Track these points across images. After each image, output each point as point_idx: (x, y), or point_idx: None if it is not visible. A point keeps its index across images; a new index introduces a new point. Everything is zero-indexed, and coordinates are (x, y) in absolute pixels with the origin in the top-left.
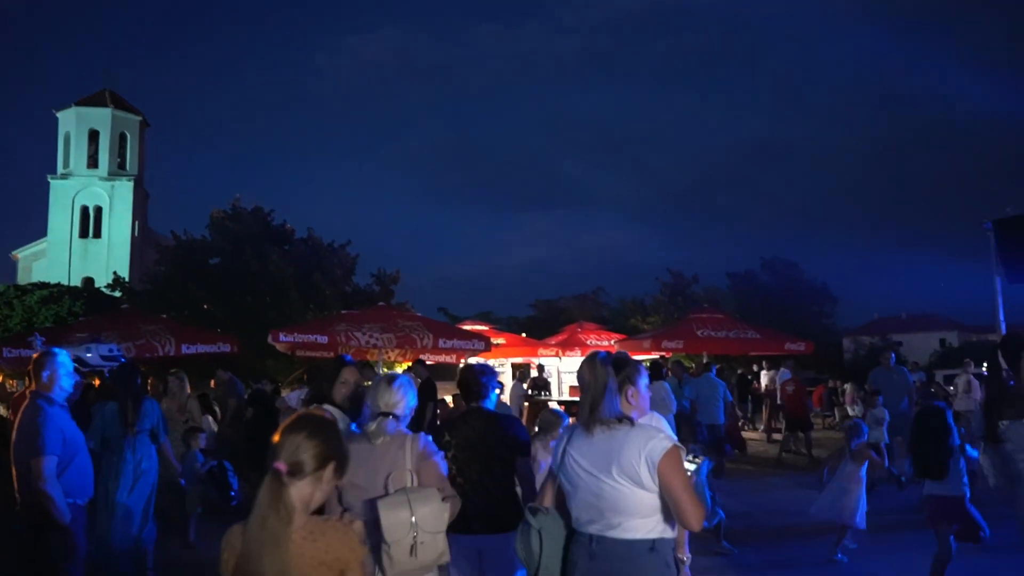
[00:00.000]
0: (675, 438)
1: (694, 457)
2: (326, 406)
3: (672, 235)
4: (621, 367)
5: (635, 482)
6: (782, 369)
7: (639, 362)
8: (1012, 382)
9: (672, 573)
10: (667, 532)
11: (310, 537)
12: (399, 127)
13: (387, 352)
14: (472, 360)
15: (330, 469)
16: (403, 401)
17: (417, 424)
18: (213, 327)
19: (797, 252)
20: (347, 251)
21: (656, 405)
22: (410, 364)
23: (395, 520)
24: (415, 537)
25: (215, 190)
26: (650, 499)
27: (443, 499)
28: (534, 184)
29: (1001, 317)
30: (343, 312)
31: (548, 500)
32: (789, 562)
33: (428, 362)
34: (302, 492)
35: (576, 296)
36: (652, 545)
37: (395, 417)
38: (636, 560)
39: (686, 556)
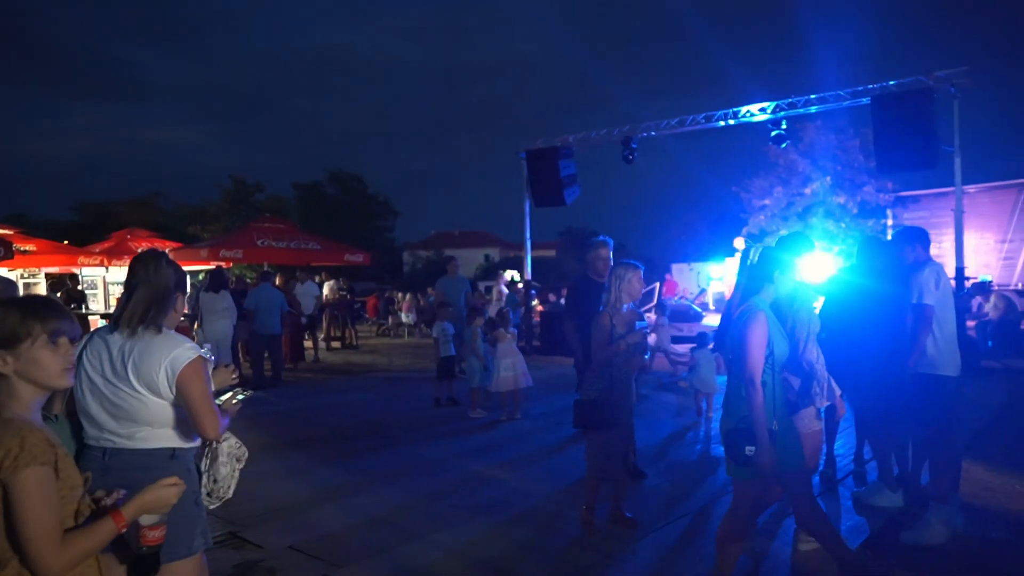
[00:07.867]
0: (200, 349)
1: (241, 391)
2: None
3: (240, 138)
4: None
5: (153, 391)
6: (331, 281)
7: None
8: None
9: (195, 478)
10: (187, 441)
11: None
12: None
13: None
14: None
15: None
16: None
17: None
18: None
19: (363, 166)
20: None
21: (223, 315)
22: None
23: None
24: None
25: None
26: (170, 409)
27: None
28: (81, 68)
29: (527, 235)
30: None
31: (58, 407)
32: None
33: None
34: None
35: (131, 200)
36: (172, 453)
37: None
38: (156, 469)
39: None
